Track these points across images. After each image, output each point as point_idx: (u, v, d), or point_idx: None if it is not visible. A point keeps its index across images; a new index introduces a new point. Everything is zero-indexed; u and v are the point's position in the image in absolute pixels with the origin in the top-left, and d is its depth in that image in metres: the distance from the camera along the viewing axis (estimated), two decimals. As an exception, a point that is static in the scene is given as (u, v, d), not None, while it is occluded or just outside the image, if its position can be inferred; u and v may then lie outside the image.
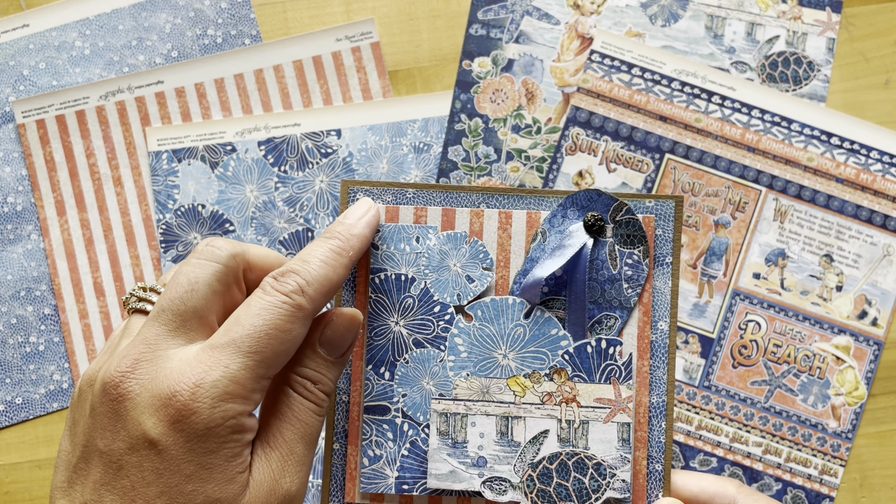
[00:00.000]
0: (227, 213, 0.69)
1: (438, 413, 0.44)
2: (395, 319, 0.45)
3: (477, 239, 0.45)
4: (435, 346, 0.45)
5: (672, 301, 0.45)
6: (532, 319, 0.45)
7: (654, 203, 0.45)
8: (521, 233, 0.45)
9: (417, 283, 0.45)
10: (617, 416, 0.44)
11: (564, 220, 0.45)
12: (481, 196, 0.46)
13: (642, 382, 0.45)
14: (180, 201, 0.69)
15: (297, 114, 0.70)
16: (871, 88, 0.70)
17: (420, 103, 0.70)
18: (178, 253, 0.69)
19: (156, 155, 0.69)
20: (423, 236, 0.45)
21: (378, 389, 0.45)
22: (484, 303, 0.45)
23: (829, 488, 0.68)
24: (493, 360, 0.45)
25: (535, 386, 0.44)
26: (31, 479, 0.69)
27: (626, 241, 0.45)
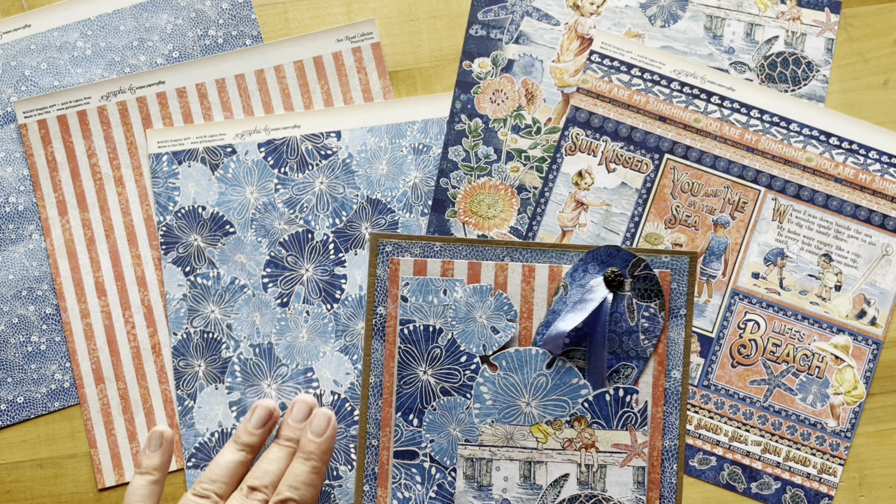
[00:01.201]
0: (227, 215, 0.69)
1: (465, 458, 0.46)
2: (424, 368, 0.47)
3: (501, 291, 0.47)
4: (461, 395, 0.47)
5: (685, 351, 0.48)
6: (554, 369, 0.47)
7: (669, 258, 0.49)
8: (544, 286, 0.47)
9: (445, 334, 0.47)
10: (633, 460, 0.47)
11: (585, 275, 0.47)
12: (505, 250, 0.48)
13: (656, 428, 0.47)
14: (181, 203, 0.69)
15: (297, 115, 0.70)
16: (870, 89, 0.71)
17: (419, 105, 0.70)
18: (179, 254, 0.69)
19: (156, 157, 0.70)
20: (450, 289, 0.47)
21: (407, 435, 0.47)
22: (508, 353, 0.47)
23: (828, 487, 0.68)
24: (516, 407, 0.47)
25: (557, 432, 0.46)
26: (32, 478, 0.69)
27: (644, 294, 0.47)
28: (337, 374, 0.65)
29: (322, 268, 0.68)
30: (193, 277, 0.69)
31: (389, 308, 0.48)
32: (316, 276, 0.68)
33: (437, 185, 0.70)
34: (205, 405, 0.68)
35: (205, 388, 0.68)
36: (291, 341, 0.68)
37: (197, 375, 0.68)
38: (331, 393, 0.65)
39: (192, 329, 0.69)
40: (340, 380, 0.65)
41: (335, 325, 0.66)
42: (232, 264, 0.69)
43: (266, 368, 0.68)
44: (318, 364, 0.67)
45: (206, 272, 0.69)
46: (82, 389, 0.69)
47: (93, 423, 0.69)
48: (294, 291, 0.68)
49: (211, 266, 0.69)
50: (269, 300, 0.68)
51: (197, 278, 0.69)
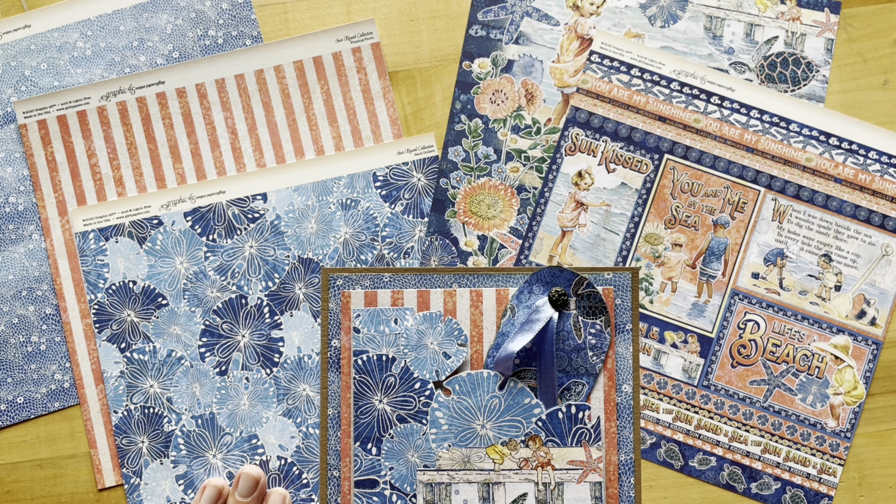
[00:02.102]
0: (158, 288, 0.69)
1: (424, 483, 0.47)
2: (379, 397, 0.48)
3: (451, 317, 0.48)
4: (417, 421, 0.47)
5: (634, 364, 0.49)
6: (506, 390, 0.47)
7: (612, 275, 0.50)
8: (492, 309, 0.48)
9: (398, 363, 0.48)
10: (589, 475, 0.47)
11: (531, 296, 0.48)
12: (453, 276, 0.49)
13: (610, 443, 0.48)
14: (111, 279, 0.69)
15: (221, 181, 0.69)
16: (870, 89, 0.71)
17: (344, 160, 0.70)
18: (113, 331, 0.68)
19: (82, 235, 0.69)
20: (400, 318, 0.48)
21: (366, 464, 0.47)
22: (461, 377, 0.48)
23: (827, 487, 0.68)
24: (472, 430, 0.47)
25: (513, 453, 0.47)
26: (32, 478, 0.69)
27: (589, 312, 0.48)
28: (282, 439, 0.65)
29: (259, 332, 0.68)
30: (129, 353, 0.68)
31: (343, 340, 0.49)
32: (253, 341, 0.68)
33: (437, 185, 0.70)
34: (151, 481, 0.67)
35: (150, 464, 0.68)
36: (233, 409, 0.67)
37: (141, 452, 0.68)
38: (277, 458, 0.65)
39: (132, 405, 0.68)
40: (286, 444, 0.64)
41: (276, 389, 0.66)
42: (167, 337, 0.68)
43: (210, 439, 0.67)
44: (261, 430, 0.67)
45: (141, 347, 0.68)
46: (82, 390, 0.69)
47: (93, 423, 0.69)
48: (232, 359, 0.68)
49: (146, 340, 0.68)
50: (207, 370, 0.68)
51: (133, 354, 0.68)
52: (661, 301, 0.69)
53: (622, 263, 0.69)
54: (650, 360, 0.69)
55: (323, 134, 0.71)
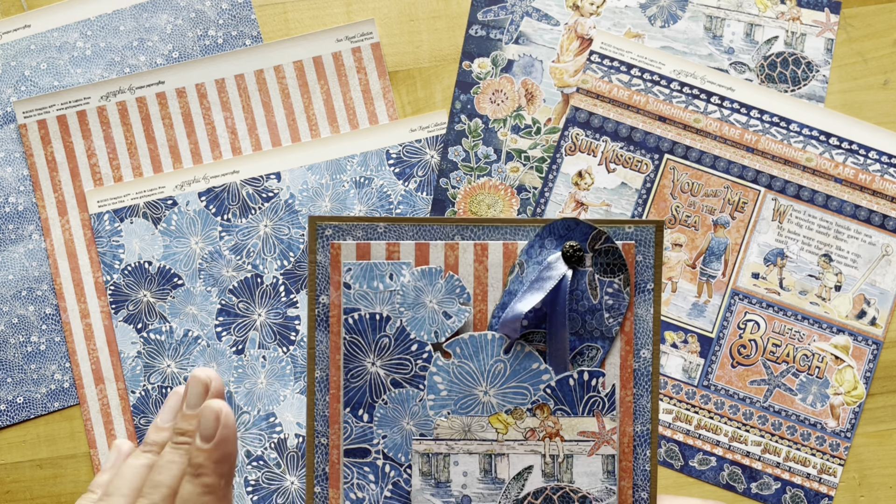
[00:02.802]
0: (174, 268, 0.69)
1: (420, 453, 0.44)
2: (372, 360, 0.44)
3: (452, 273, 0.44)
4: (414, 386, 0.44)
5: (654, 328, 0.44)
6: (512, 354, 0.44)
7: (633, 229, 0.44)
8: (498, 265, 0.44)
9: (393, 322, 0.44)
10: (601, 448, 0.43)
11: (542, 251, 0.44)
12: (455, 228, 0.44)
13: (626, 412, 0.44)
14: (126, 260, 0.69)
15: (235, 161, 0.70)
16: (870, 89, 0.71)
17: (357, 138, 0.70)
18: (130, 312, 0.69)
19: (97, 216, 0.69)
20: (396, 273, 0.44)
21: (357, 432, 0.44)
22: (462, 339, 0.44)
23: (827, 487, 0.68)
24: (473, 397, 0.44)
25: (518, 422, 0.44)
26: (32, 478, 0.69)
27: (606, 269, 0.44)
28: (300, 416, 0.65)
29: (275, 311, 0.68)
30: (146, 334, 0.69)
31: (332, 296, 0.45)
32: (269, 320, 0.68)
33: (437, 185, 0.70)
34: None
35: None
36: (251, 388, 0.68)
37: None
38: (294, 436, 0.66)
39: (149, 385, 0.68)
40: (304, 421, 0.65)
41: (293, 367, 0.66)
42: (183, 317, 0.69)
43: None
44: (279, 408, 0.67)
45: (158, 327, 0.69)
46: (82, 390, 0.69)
47: (92, 423, 0.69)
48: (248, 338, 0.68)
49: (163, 321, 0.69)
50: (224, 349, 0.68)
51: (150, 334, 0.69)
52: (662, 301, 0.69)
53: (622, 263, 0.69)
54: (650, 360, 0.69)
55: (323, 134, 0.70)
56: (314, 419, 0.45)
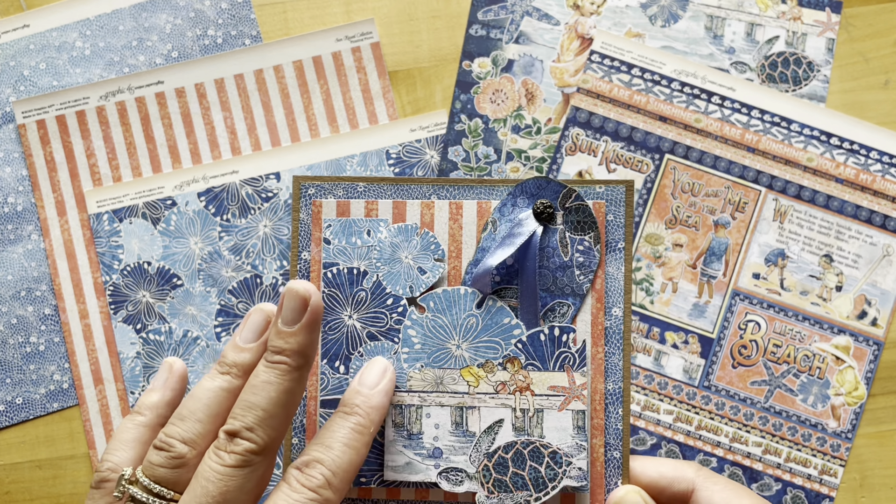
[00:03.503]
0: (173, 268, 0.69)
1: (393, 405, 0.44)
2: (349, 313, 0.45)
3: (428, 230, 0.45)
4: (389, 339, 0.45)
5: (626, 287, 0.45)
6: (485, 309, 0.45)
7: (604, 189, 0.46)
8: (472, 223, 0.45)
9: (370, 277, 0.45)
10: (571, 403, 0.44)
11: (514, 209, 0.45)
12: (431, 188, 0.46)
13: (597, 369, 0.45)
14: (125, 261, 0.69)
15: (234, 161, 0.69)
16: (871, 89, 0.70)
17: (357, 138, 0.69)
18: (129, 312, 0.68)
19: (96, 217, 0.69)
20: (374, 229, 0.45)
21: (334, 383, 0.45)
22: (436, 294, 0.45)
23: (828, 488, 0.68)
24: (446, 350, 0.45)
25: (489, 375, 0.44)
26: (31, 479, 0.69)
27: (577, 227, 0.45)
28: None
29: None
30: (145, 334, 0.68)
31: (313, 252, 0.46)
32: None
33: (437, 185, 0.70)
34: None
35: None
36: None
37: None
38: None
39: (148, 385, 0.68)
40: None
41: None
42: (183, 317, 0.68)
43: None
44: None
45: (157, 328, 0.68)
46: (81, 390, 0.69)
47: (92, 424, 0.69)
48: None
49: (162, 321, 0.68)
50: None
51: (149, 335, 0.68)
52: (662, 301, 0.69)
53: (623, 264, 0.69)
54: (651, 360, 0.69)
55: (322, 134, 0.70)
56: None
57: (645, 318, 0.69)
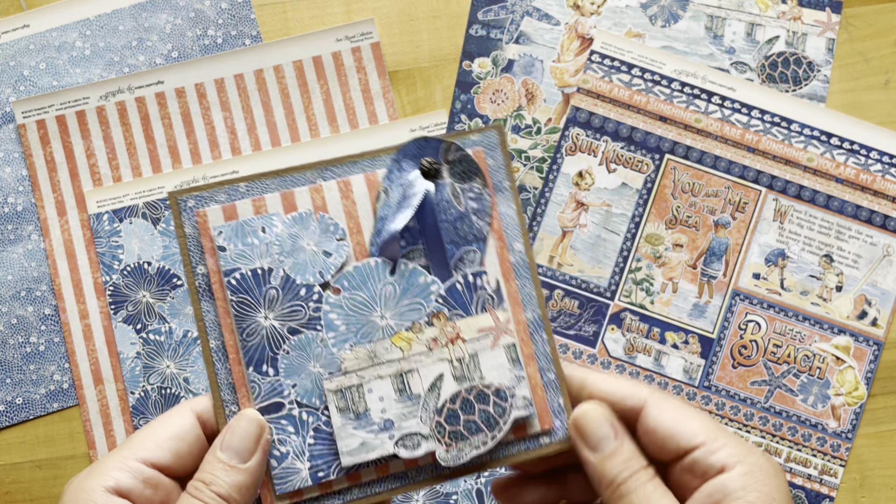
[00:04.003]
0: (173, 269, 0.69)
1: (333, 391, 0.44)
2: (264, 314, 0.45)
3: (323, 213, 0.45)
4: (311, 329, 0.45)
5: (520, 221, 0.47)
6: (398, 275, 0.45)
7: (479, 136, 0.47)
8: (364, 196, 0.46)
9: (276, 273, 0.45)
10: (501, 339, 0.45)
11: (402, 173, 0.46)
12: (315, 172, 0.46)
13: (515, 302, 0.46)
14: (125, 261, 0.69)
15: (234, 161, 0.69)
16: (871, 89, 0.70)
17: (357, 138, 0.69)
18: (129, 312, 0.68)
19: (97, 217, 0.69)
20: (268, 225, 0.45)
21: (266, 388, 0.44)
22: (348, 273, 0.45)
23: (828, 488, 0.68)
24: (372, 324, 0.45)
25: (419, 336, 0.45)
26: (31, 479, 0.69)
27: (464, 177, 0.46)
28: None
29: None
30: (145, 334, 0.68)
31: (209, 264, 0.45)
32: None
33: (437, 185, 0.70)
34: None
35: None
36: None
37: None
38: None
39: (149, 386, 0.68)
40: None
41: None
42: (183, 317, 0.68)
43: None
44: None
45: (157, 328, 0.68)
46: (81, 390, 0.69)
47: (92, 424, 0.69)
48: None
49: (162, 321, 0.68)
50: None
51: (149, 335, 0.68)
52: (662, 302, 0.69)
53: (623, 264, 0.69)
54: (651, 360, 0.69)
55: (322, 134, 0.70)
56: (219, 389, 0.45)
57: (645, 318, 0.69)
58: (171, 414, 0.43)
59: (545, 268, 0.69)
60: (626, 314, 0.69)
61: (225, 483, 0.41)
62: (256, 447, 0.42)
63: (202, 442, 0.43)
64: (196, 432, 0.43)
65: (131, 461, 0.41)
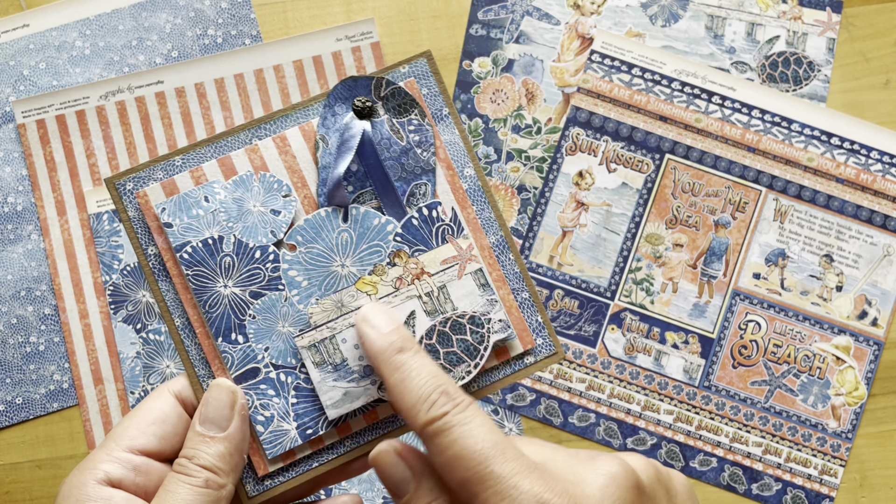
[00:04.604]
0: None
1: (306, 347, 0.44)
2: (223, 283, 0.44)
3: (264, 172, 0.45)
4: (273, 289, 0.44)
5: (466, 147, 0.46)
6: (351, 220, 0.45)
7: (407, 67, 0.46)
8: (303, 148, 0.45)
9: (227, 240, 0.44)
10: (467, 266, 0.45)
11: (336, 118, 0.45)
12: (249, 132, 0.45)
13: (475, 228, 0.46)
14: (125, 261, 0.69)
15: None
16: (871, 88, 0.70)
17: None
18: (129, 312, 0.68)
19: (96, 217, 0.69)
20: (210, 194, 0.44)
21: (239, 356, 0.44)
22: (300, 227, 0.45)
23: (829, 488, 0.68)
24: (333, 274, 0.45)
25: (384, 277, 0.44)
26: (31, 479, 0.69)
27: (400, 110, 0.46)
28: None
29: None
30: (145, 334, 0.68)
31: (159, 242, 0.45)
32: None
33: (437, 185, 0.70)
34: None
35: None
36: None
37: None
38: None
39: (149, 386, 0.68)
40: None
41: None
42: None
43: None
44: None
45: (157, 328, 0.68)
46: (81, 390, 0.69)
47: (91, 424, 0.69)
48: None
49: (162, 321, 0.68)
50: None
51: (149, 335, 0.68)
52: (662, 301, 0.69)
53: (623, 264, 0.69)
54: (651, 360, 0.69)
55: (322, 134, 0.70)
56: (192, 366, 0.44)
57: (645, 318, 0.69)
58: (150, 399, 0.44)
59: (545, 268, 0.69)
60: (627, 314, 0.69)
61: (207, 454, 0.41)
62: (232, 413, 0.42)
63: (185, 421, 0.43)
64: (177, 412, 0.43)
65: (117, 452, 0.41)
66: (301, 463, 0.44)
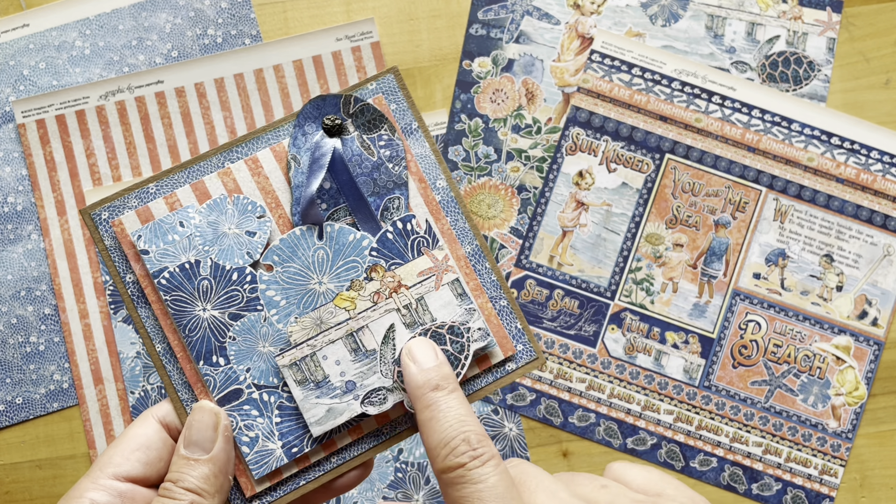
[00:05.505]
0: None
1: (288, 366, 0.44)
2: (202, 306, 0.45)
3: (237, 195, 0.45)
4: (252, 310, 0.45)
5: (437, 159, 0.47)
6: (326, 238, 0.45)
7: (375, 83, 0.47)
8: (275, 169, 0.46)
9: (204, 263, 0.45)
10: (443, 277, 0.45)
11: (306, 137, 0.46)
12: (221, 156, 0.46)
13: (450, 240, 0.46)
14: None
15: None
16: (872, 88, 0.70)
17: None
18: (128, 313, 0.68)
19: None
20: (185, 219, 0.45)
21: (221, 378, 0.44)
22: (276, 247, 0.45)
23: (829, 488, 0.68)
24: (311, 292, 0.45)
25: (361, 292, 0.45)
26: (31, 479, 0.69)
27: (370, 126, 0.46)
28: None
29: None
30: None
31: (136, 270, 0.45)
32: None
33: (437, 185, 0.70)
34: None
35: None
36: None
37: None
38: None
39: (148, 386, 0.68)
40: None
41: None
42: None
43: None
44: None
45: None
46: (81, 390, 0.69)
47: (91, 423, 0.69)
48: None
49: None
50: None
51: None
52: (662, 301, 0.69)
53: (623, 264, 0.69)
54: (651, 360, 0.69)
55: (322, 133, 0.70)
56: (176, 391, 0.45)
57: (645, 318, 0.69)
58: (134, 425, 0.44)
59: (545, 267, 0.69)
60: (627, 314, 0.69)
61: (191, 477, 0.41)
62: (216, 434, 0.43)
63: (170, 446, 0.44)
64: (162, 437, 0.44)
65: (103, 479, 0.41)
66: (288, 482, 0.45)
